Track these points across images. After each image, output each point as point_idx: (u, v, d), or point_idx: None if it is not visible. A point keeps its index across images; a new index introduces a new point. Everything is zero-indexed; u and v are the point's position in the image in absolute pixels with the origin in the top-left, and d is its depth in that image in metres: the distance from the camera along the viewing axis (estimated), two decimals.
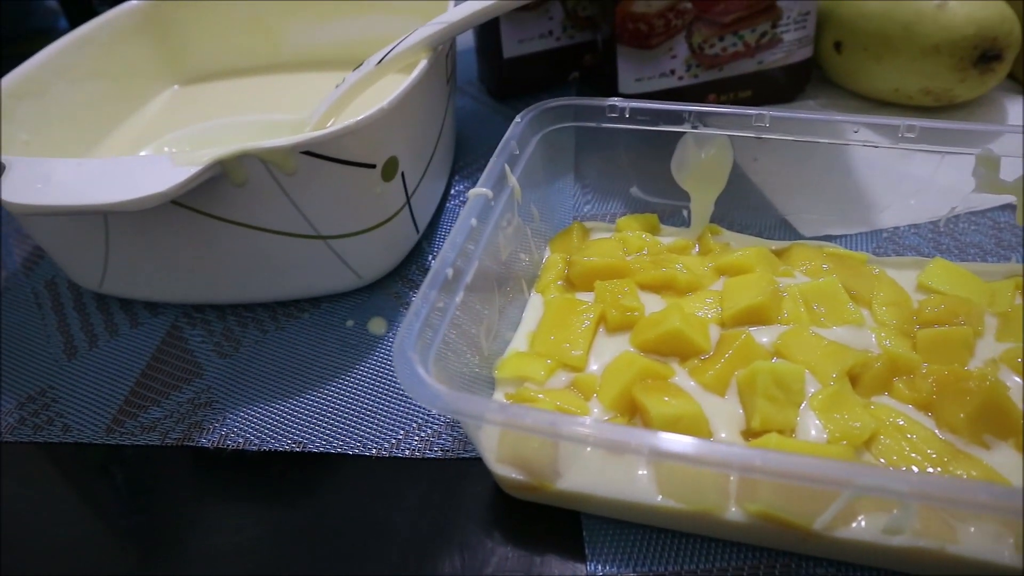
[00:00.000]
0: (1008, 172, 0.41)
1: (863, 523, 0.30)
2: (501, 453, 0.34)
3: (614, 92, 0.59)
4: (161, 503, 0.39)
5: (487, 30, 0.64)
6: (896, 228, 0.49)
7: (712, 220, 0.47)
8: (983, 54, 0.54)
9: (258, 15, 0.64)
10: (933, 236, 0.48)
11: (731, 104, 0.60)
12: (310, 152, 0.40)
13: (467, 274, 0.35)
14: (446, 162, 0.55)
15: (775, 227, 0.48)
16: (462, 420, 0.33)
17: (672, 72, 0.58)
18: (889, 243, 0.48)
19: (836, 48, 0.60)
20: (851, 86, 0.61)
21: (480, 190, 0.38)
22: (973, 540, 0.29)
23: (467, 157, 0.60)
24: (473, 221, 0.36)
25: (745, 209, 0.49)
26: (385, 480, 0.38)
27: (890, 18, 0.56)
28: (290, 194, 0.41)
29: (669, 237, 0.45)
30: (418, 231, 0.50)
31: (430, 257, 0.51)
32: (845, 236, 0.48)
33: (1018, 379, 0.35)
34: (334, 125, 0.41)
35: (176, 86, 0.64)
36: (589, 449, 0.33)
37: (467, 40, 0.69)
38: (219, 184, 0.40)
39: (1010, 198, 0.44)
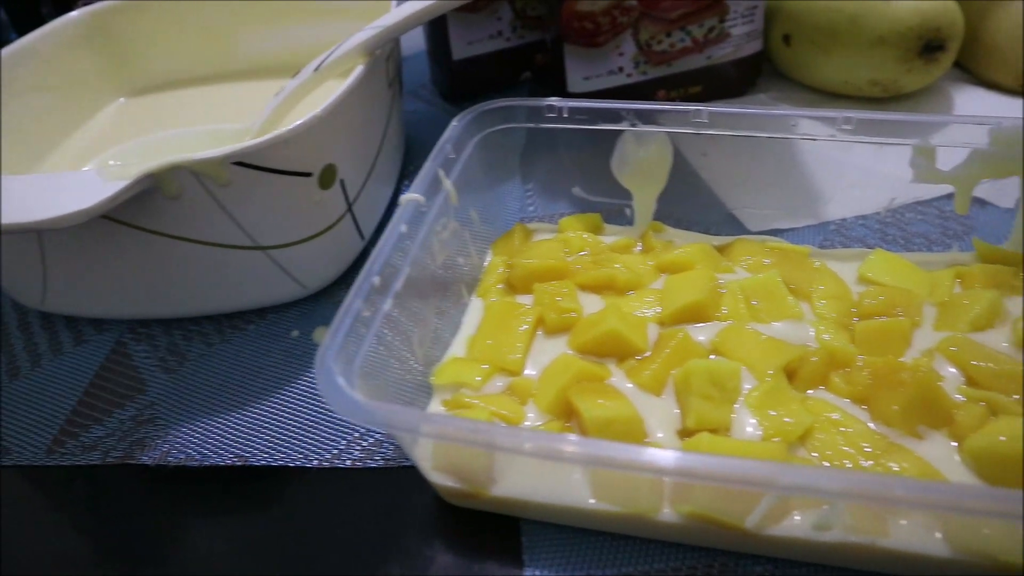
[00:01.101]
0: (945, 162, 0.41)
1: (795, 520, 0.30)
2: (436, 461, 0.33)
3: (564, 91, 0.58)
4: (102, 523, 0.38)
5: (436, 32, 0.63)
6: (843, 220, 0.48)
7: (659, 217, 0.47)
8: (927, 44, 0.54)
9: (207, 23, 0.64)
10: (880, 227, 0.48)
11: (681, 100, 0.60)
12: (242, 163, 0.39)
13: (396, 281, 0.35)
14: (393, 167, 0.54)
15: (722, 222, 0.48)
16: (388, 431, 0.33)
17: (620, 69, 0.57)
18: (836, 235, 0.48)
19: (785, 41, 0.60)
20: (802, 79, 0.61)
21: (411, 196, 0.37)
22: (903, 533, 0.29)
23: (418, 161, 0.59)
24: (403, 228, 0.36)
25: (693, 205, 0.48)
26: (327, 492, 0.38)
27: (837, 11, 0.56)
28: (225, 206, 0.41)
29: (612, 236, 0.45)
30: (363, 238, 0.49)
31: None
32: (793, 229, 0.48)
33: (954, 369, 0.35)
34: (267, 135, 0.40)
35: (123, 98, 0.63)
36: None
37: (419, 43, 0.69)
38: (154, 198, 0.40)
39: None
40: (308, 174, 0.42)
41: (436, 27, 0.63)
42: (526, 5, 0.63)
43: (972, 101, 0.58)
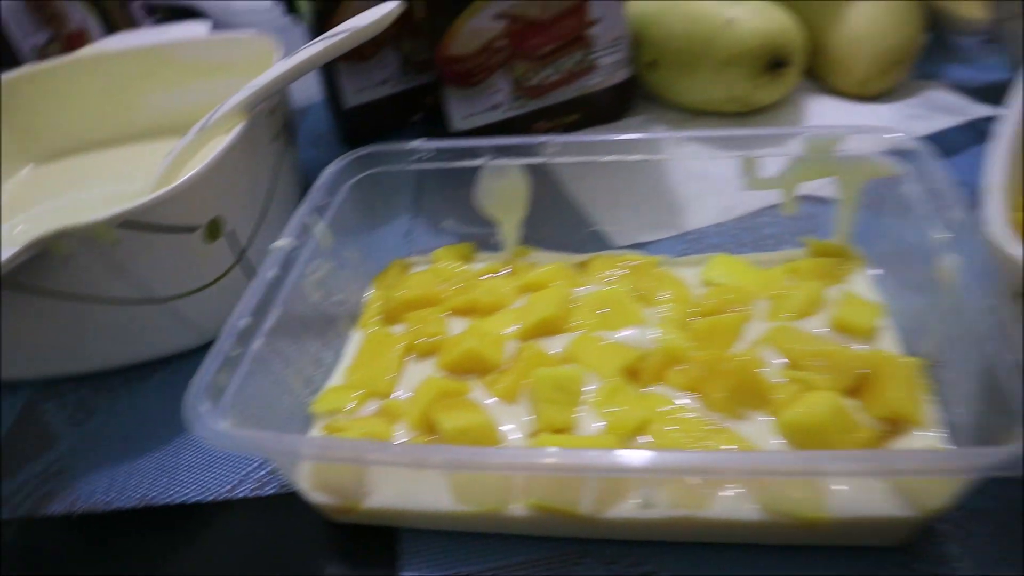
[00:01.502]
0: (773, 169, 0.45)
1: (625, 502, 0.33)
2: (314, 481, 0.37)
3: (450, 129, 0.62)
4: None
5: (328, 82, 0.67)
6: (701, 229, 0.53)
7: (530, 240, 0.50)
8: (771, 61, 0.59)
9: (110, 87, 0.67)
10: (735, 232, 0.52)
11: (561, 128, 0.64)
12: (129, 223, 0.43)
13: (267, 321, 0.38)
14: (288, 214, 0.57)
15: (591, 240, 0.52)
16: (264, 456, 0.36)
17: (499, 105, 0.62)
18: (696, 243, 0.52)
19: (651, 67, 0.65)
20: (670, 100, 0.66)
21: (280, 243, 0.41)
22: (721, 504, 0.33)
23: None
24: (271, 273, 0.39)
25: (563, 226, 0.52)
26: (224, 523, 0.41)
27: (691, 37, 0.61)
28: (118, 264, 0.44)
29: (483, 263, 0.49)
30: None
31: None
32: (656, 241, 0.52)
33: (776, 353, 0.39)
34: (152, 195, 0.43)
35: (31, 165, 0.66)
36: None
37: (318, 94, 0.72)
38: (48, 261, 0.43)
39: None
40: (194, 228, 0.46)
41: (328, 77, 0.66)
42: (412, 51, 0.67)
43: (822, 109, 0.63)
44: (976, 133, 0.59)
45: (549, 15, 0.59)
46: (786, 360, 0.39)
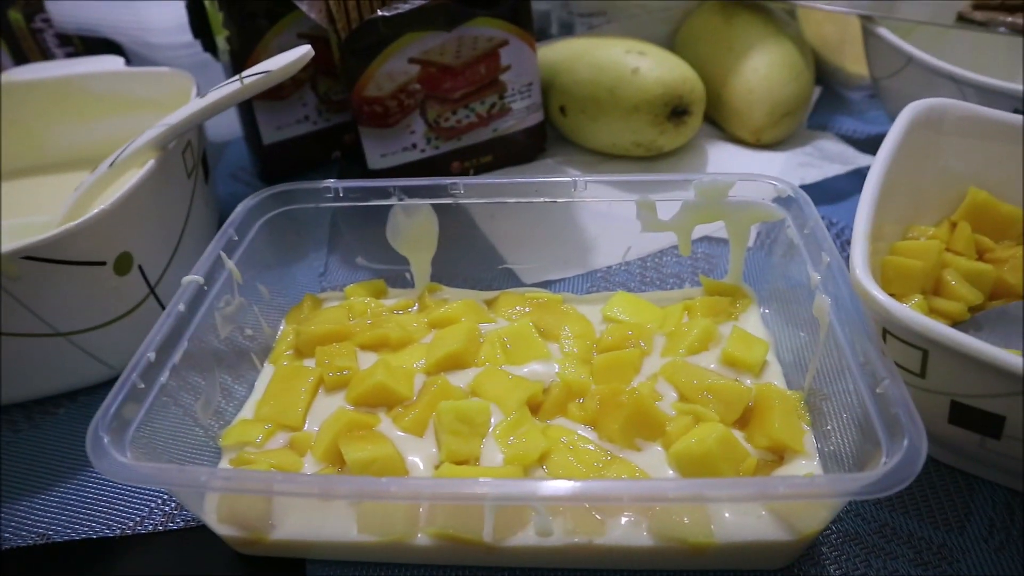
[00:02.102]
0: (663, 213, 0.48)
1: (525, 531, 0.35)
2: (219, 514, 0.37)
3: (366, 168, 0.63)
4: None
5: (246, 120, 0.67)
6: (608, 267, 0.55)
7: (441, 277, 0.52)
8: (673, 110, 0.62)
9: (18, 116, 0.66)
10: (640, 270, 0.55)
11: (475, 169, 0.66)
12: (32, 257, 0.42)
13: (174, 355, 0.39)
14: (201, 249, 0.57)
15: (501, 278, 0.54)
16: (168, 489, 0.36)
17: (414, 146, 0.63)
18: (603, 281, 0.54)
19: (562, 112, 0.68)
20: (580, 143, 0.69)
21: (190, 278, 0.41)
22: (615, 531, 0.35)
23: None
24: (181, 307, 0.40)
25: (474, 264, 0.54)
26: (130, 560, 0.40)
27: (597, 85, 0.64)
28: (20, 298, 0.44)
29: (394, 299, 0.50)
30: None
31: None
32: (564, 279, 0.54)
33: (672, 389, 0.42)
34: (57, 229, 0.43)
35: None
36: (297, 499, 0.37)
37: (238, 129, 0.72)
38: None
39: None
40: (102, 263, 0.46)
41: (246, 114, 0.67)
42: (329, 91, 0.68)
43: (722, 155, 0.67)
44: (860, 180, 0.64)
45: (462, 61, 0.61)
46: (678, 394, 0.41)
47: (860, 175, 0.64)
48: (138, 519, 0.42)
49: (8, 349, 0.45)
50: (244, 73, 0.48)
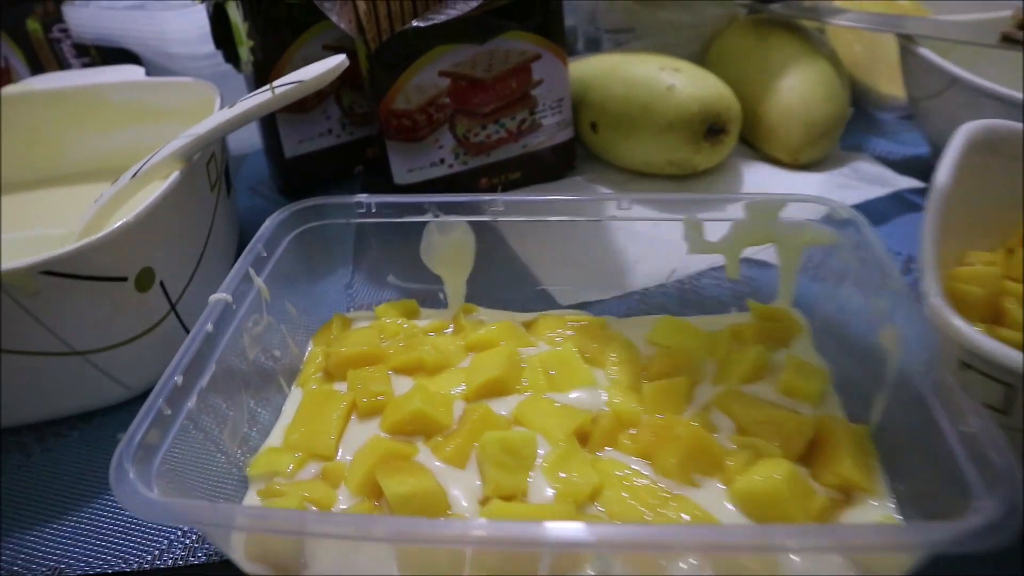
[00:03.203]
0: (714, 233, 0.46)
1: (583, 572, 0.32)
2: (248, 551, 0.34)
3: (392, 183, 0.61)
4: None
5: (268, 132, 0.66)
6: (645, 289, 0.53)
7: (473, 298, 0.50)
8: (710, 128, 0.60)
9: (36, 126, 0.64)
10: (678, 293, 0.52)
11: (503, 186, 0.64)
12: (51, 271, 0.40)
13: (202, 379, 0.36)
14: (224, 264, 0.55)
15: (535, 299, 0.51)
16: (199, 528, 0.34)
17: (442, 161, 0.61)
18: (640, 303, 0.52)
19: (593, 128, 0.66)
20: (611, 161, 0.67)
21: (217, 296, 0.39)
22: (678, 573, 0.32)
23: None
24: (209, 327, 0.38)
25: (507, 285, 0.52)
26: None
27: (631, 101, 0.62)
28: (36, 314, 0.41)
29: (427, 320, 0.48)
30: None
31: None
32: (600, 301, 0.52)
33: (728, 420, 0.39)
34: (77, 243, 0.41)
35: None
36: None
37: (258, 142, 0.71)
38: None
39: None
40: (123, 278, 0.43)
41: (268, 127, 0.65)
42: (353, 103, 0.67)
43: (757, 175, 0.65)
44: (901, 203, 0.62)
45: (493, 74, 0.60)
46: (735, 425, 0.39)
47: (899, 198, 0.62)
48: (156, 552, 0.40)
49: (20, 368, 0.43)
50: (275, 83, 0.46)
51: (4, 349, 0.42)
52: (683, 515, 0.35)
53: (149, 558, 0.39)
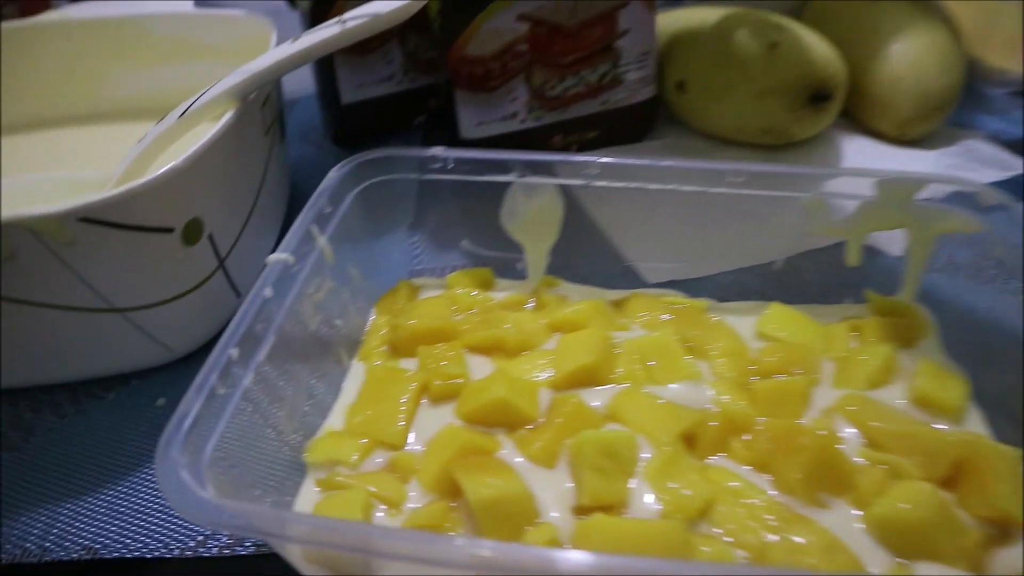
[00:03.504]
0: (837, 213, 0.40)
1: None
2: (308, 553, 0.30)
3: (458, 137, 0.56)
4: None
5: (324, 75, 0.60)
6: (740, 270, 0.48)
7: (553, 270, 0.45)
8: (814, 95, 0.54)
9: (74, 60, 0.59)
10: (776, 277, 0.47)
11: (578, 145, 0.59)
12: (90, 219, 0.35)
13: (259, 351, 0.32)
14: (274, 218, 0.51)
15: (619, 275, 0.46)
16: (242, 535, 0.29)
17: (514, 115, 0.56)
18: (733, 286, 0.47)
19: (679, 88, 0.60)
20: (696, 125, 0.61)
21: (277, 256, 0.34)
22: None
23: None
24: (267, 292, 0.33)
25: (589, 257, 0.47)
26: None
27: (726, 60, 0.56)
28: (72, 266, 0.37)
29: (504, 292, 0.43)
30: (239, 295, 0.45)
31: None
32: (690, 280, 0.47)
33: (853, 429, 0.34)
34: (119, 188, 0.36)
35: None
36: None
37: (310, 85, 0.65)
38: None
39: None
40: (170, 229, 0.39)
41: (324, 70, 0.60)
42: (418, 48, 0.61)
43: (858, 150, 0.58)
44: (1019, 189, 0.56)
45: (577, 21, 0.54)
46: (863, 437, 0.34)
47: (1017, 183, 0.56)
48: (200, 538, 0.35)
49: (55, 323, 0.39)
50: (346, 15, 0.41)
51: (37, 302, 0.38)
52: (808, 539, 0.30)
53: (192, 544, 0.35)
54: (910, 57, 0.57)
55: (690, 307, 0.41)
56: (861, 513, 0.31)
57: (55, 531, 0.36)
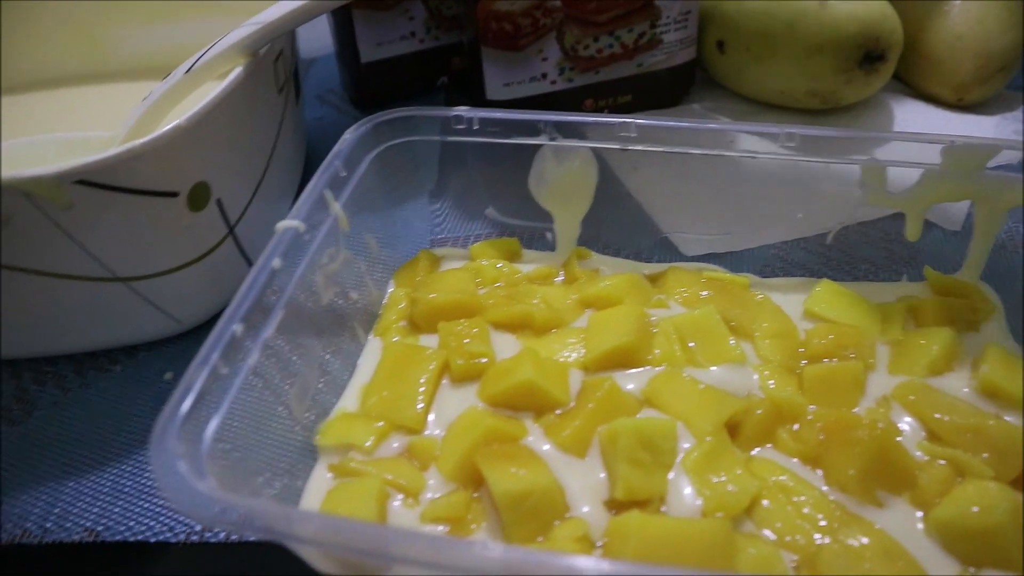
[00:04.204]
0: (896, 183, 0.37)
1: None
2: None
3: (483, 98, 0.53)
4: None
5: (343, 32, 0.57)
6: (784, 243, 0.44)
7: (584, 241, 0.42)
8: (867, 54, 0.50)
9: (77, 17, 0.56)
10: (822, 251, 0.44)
11: (610, 110, 0.55)
12: (87, 181, 0.33)
13: (267, 327, 0.29)
14: (288, 182, 0.48)
15: (654, 247, 0.43)
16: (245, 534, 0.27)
17: (544, 76, 0.52)
18: (777, 260, 0.44)
19: (719, 48, 0.56)
20: (737, 88, 0.57)
21: (287, 223, 0.31)
22: None
23: None
24: (276, 262, 0.30)
25: (622, 227, 0.44)
26: (195, 573, 0.32)
27: (772, 16, 0.52)
28: (70, 231, 0.34)
29: (531, 264, 0.40)
30: (250, 263, 0.43)
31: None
32: (731, 254, 0.44)
33: (912, 419, 0.31)
34: (118, 148, 0.34)
35: None
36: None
37: (329, 43, 0.62)
38: None
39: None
40: (174, 194, 0.36)
41: (342, 26, 0.57)
42: (441, 4, 0.58)
43: (912, 115, 0.55)
44: None
45: None
46: (924, 429, 0.31)
47: None
48: None
49: (53, 292, 0.36)
50: None
51: (35, 270, 0.35)
52: (864, 542, 0.27)
53: (199, 528, 0.33)
54: (971, 14, 0.53)
55: (732, 283, 0.38)
56: (922, 514, 0.28)
57: (56, 511, 0.34)
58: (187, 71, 0.40)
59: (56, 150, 0.47)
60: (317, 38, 0.65)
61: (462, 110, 0.38)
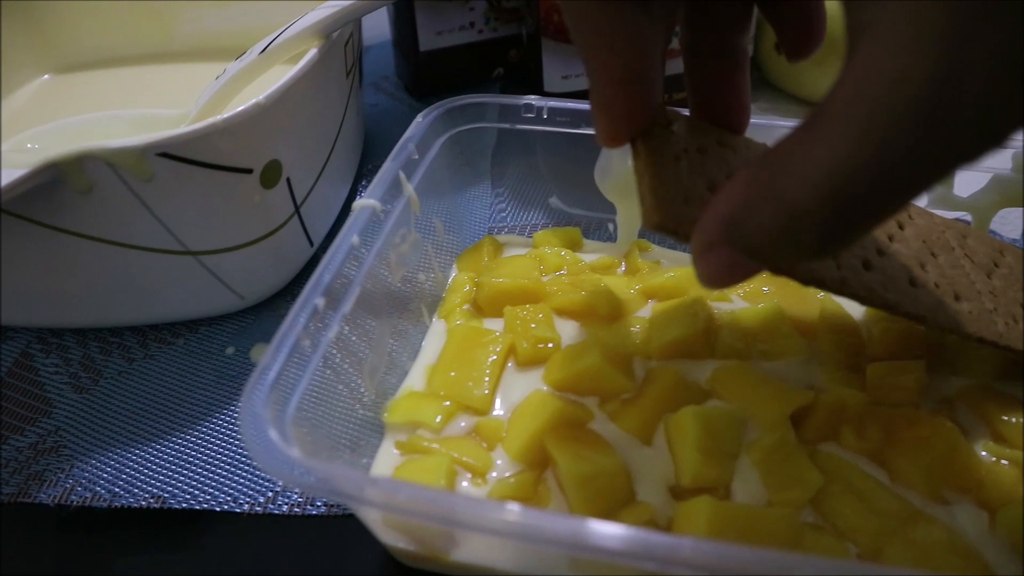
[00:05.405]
0: (962, 186, 0.37)
1: None
2: (388, 519, 0.28)
3: (541, 90, 0.53)
4: None
5: (402, 20, 0.58)
6: None
7: (644, 233, 0.42)
8: None
9: None
10: None
11: (667, 105, 0.55)
12: (169, 154, 0.34)
13: (346, 302, 0.30)
14: (349, 165, 0.49)
15: None
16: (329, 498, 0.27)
17: None
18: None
19: (777, 49, 0.56)
20: (793, 89, 0.57)
21: (366, 201, 0.32)
22: None
23: (377, 159, 0.54)
24: (355, 239, 0.31)
25: None
26: (258, 543, 0.33)
27: (833, 19, 0.52)
28: (148, 203, 0.35)
29: (593, 254, 0.40)
30: (312, 244, 0.44)
31: None
32: None
33: (975, 420, 0.31)
34: (200, 122, 0.34)
35: (48, 75, 0.56)
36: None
37: (384, 31, 0.63)
38: (61, 192, 0.34)
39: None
40: (248, 170, 0.37)
41: (403, 14, 0.57)
42: None
43: None
44: None
45: None
46: (990, 430, 0.31)
47: None
48: (270, 494, 0.34)
49: (127, 263, 0.37)
50: None
51: (112, 240, 0.36)
52: (930, 539, 0.27)
53: (262, 500, 0.34)
54: None
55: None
56: (987, 515, 0.28)
57: (124, 476, 0.35)
58: (262, 51, 0.41)
59: (125, 126, 0.48)
60: (372, 26, 0.66)
61: (532, 99, 0.38)
